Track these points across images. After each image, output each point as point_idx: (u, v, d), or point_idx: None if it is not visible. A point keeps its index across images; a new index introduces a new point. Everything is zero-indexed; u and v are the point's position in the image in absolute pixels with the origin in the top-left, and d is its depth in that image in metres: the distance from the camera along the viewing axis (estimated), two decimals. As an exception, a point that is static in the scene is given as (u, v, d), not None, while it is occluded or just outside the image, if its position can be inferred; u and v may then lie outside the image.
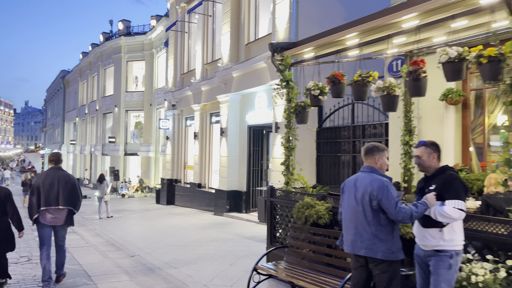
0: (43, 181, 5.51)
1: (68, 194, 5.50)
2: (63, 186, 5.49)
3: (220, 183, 13.76)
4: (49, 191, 5.42)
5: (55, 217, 5.46)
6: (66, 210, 5.51)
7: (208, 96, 15.51)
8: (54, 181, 5.48)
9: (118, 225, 12.15)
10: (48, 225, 5.48)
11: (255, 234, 9.73)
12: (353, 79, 4.96)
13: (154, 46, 27.20)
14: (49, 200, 5.41)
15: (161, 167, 25.34)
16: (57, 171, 5.64)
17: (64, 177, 5.60)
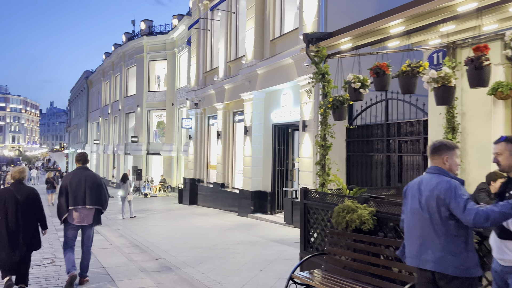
0: (70, 181, 5.53)
1: (95, 193, 5.53)
2: (90, 186, 5.52)
3: (244, 183, 13.41)
4: (76, 191, 5.44)
5: (83, 216, 5.46)
6: (93, 209, 5.54)
7: (232, 94, 15.19)
8: (81, 181, 5.51)
9: (142, 225, 11.95)
10: (75, 225, 5.49)
11: (283, 237, 9.32)
12: (400, 69, 4.48)
13: (176, 45, 27.13)
14: (77, 199, 5.42)
15: (183, 167, 25.24)
16: (84, 171, 5.68)
17: (91, 177, 5.63)
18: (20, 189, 5.17)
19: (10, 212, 4.98)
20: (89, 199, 5.46)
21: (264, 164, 13.10)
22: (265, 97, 13.21)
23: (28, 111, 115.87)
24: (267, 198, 12.73)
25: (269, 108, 13.03)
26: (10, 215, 4.98)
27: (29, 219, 5.16)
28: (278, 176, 12.73)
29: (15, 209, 5.00)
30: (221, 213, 14.37)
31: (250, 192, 12.96)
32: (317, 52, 5.50)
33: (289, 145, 12.98)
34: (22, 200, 5.07)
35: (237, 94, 14.38)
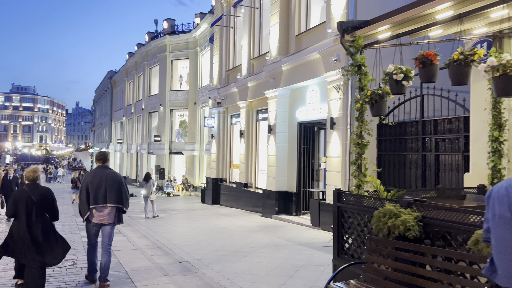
0: (91, 180, 5.54)
1: (116, 192, 5.51)
2: (110, 184, 5.50)
3: (268, 183, 13.03)
4: (97, 190, 5.44)
5: (103, 215, 5.46)
6: (114, 208, 5.51)
7: (255, 92, 14.83)
8: (102, 180, 5.50)
9: (165, 225, 11.75)
10: (96, 224, 5.49)
11: (311, 240, 8.90)
12: (451, 57, 3.99)
13: (198, 44, 27.01)
14: (97, 198, 5.42)
15: (205, 166, 25.09)
16: (104, 170, 5.68)
17: (112, 176, 5.62)
18: (35, 189, 5.15)
19: (26, 213, 4.96)
20: (110, 197, 5.45)
21: (289, 164, 12.68)
22: (290, 95, 12.79)
23: (54, 111, 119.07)
24: (292, 198, 12.31)
25: (294, 106, 12.60)
26: (26, 216, 4.95)
27: (45, 219, 5.14)
28: (304, 176, 12.28)
29: (30, 210, 4.98)
30: (245, 214, 14.04)
31: (274, 192, 12.57)
32: (353, 42, 5.05)
33: (315, 144, 12.52)
34: (37, 200, 5.04)
35: (261, 92, 14.01)
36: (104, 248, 5.61)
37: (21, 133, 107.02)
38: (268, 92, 13.14)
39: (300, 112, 12.24)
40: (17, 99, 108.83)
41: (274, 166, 12.67)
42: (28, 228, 4.93)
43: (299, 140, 12.32)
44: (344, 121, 9.75)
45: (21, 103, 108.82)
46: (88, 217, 5.46)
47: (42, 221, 5.07)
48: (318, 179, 12.38)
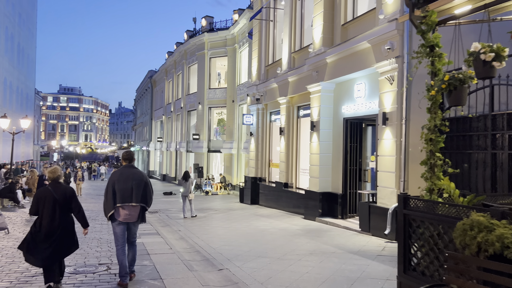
0: (118, 179, 5.58)
1: (142, 191, 5.57)
2: (136, 183, 5.56)
3: (311, 184, 12.26)
4: (124, 189, 5.49)
5: (129, 214, 5.51)
6: (139, 207, 5.57)
7: (296, 87, 14.09)
8: (128, 179, 5.56)
9: (203, 226, 11.29)
10: (122, 222, 5.54)
11: (361, 247, 8.06)
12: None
13: (236, 41, 26.58)
14: (124, 197, 5.47)
15: (243, 165, 24.64)
16: (130, 169, 5.73)
17: (138, 175, 5.67)
18: (57, 188, 5.33)
19: (49, 211, 5.16)
20: (136, 196, 5.51)
21: (333, 163, 11.85)
22: (334, 89, 11.94)
23: (99, 111, 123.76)
24: (337, 200, 11.47)
25: (339, 101, 11.74)
26: (50, 214, 5.15)
27: (67, 218, 5.33)
28: (351, 177, 11.39)
29: (53, 208, 5.18)
30: (285, 215, 13.34)
31: (318, 193, 11.79)
32: (424, 18, 4.23)
33: (362, 141, 11.60)
34: (60, 199, 5.23)
35: (303, 87, 13.25)
36: (130, 244, 5.79)
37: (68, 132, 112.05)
38: (311, 86, 12.35)
39: (346, 107, 11.37)
40: (64, 100, 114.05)
41: (318, 165, 11.88)
42: (49, 226, 5.12)
43: (345, 137, 11.44)
44: (398, 116, 8.81)
45: (67, 103, 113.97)
46: (114, 215, 5.49)
47: (65, 220, 5.26)
48: (366, 180, 11.46)
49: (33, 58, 54.75)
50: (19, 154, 46.24)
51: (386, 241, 8.56)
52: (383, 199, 9.11)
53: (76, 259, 6.96)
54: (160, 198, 21.90)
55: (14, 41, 43.76)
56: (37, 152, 62.47)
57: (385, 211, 8.89)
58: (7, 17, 40.68)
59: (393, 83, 8.89)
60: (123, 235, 5.61)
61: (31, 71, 53.62)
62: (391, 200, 8.85)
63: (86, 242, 8.54)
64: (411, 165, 8.79)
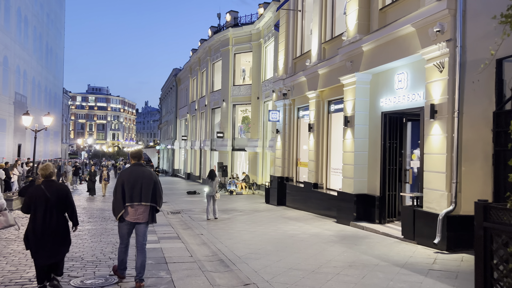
0: (127, 178, 5.37)
1: (152, 191, 5.39)
2: (146, 182, 5.37)
3: (344, 185, 11.22)
4: (133, 188, 5.31)
5: (138, 213, 5.32)
6: (149, 207, 5.38)
7: (327, 80, 13.06)
8: (138, 178, 5.36)
9: (227, 230, 10.47)
10: (130, 222, 5.34)
11: (408, 259, 7.01)
12: None
13: (262, 35, 25.69)
14: (133, 196, 5.29)
15: (269, 163, 23.74)
16: (140, 168, 5.52)
17: (147, 174, 5.45)
18: (50, 186, 5.05)
19: (41, 210, 4.93)
20: (145, 196, 5.33)
21: (370, 162, 10.77)
22: (371, 80, 10.85)
23: (126, 110, 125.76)
24: (374, 203, 10.38)
25: (377, 93, 10.64)
26: (41, 213, 4.92)
27: (60, 218, 5.08)
28: (390, 177, 10.28)
29: (45, 208, 4.94)
30: (315, 219, 12.35)
31: (352, 195, 10.74)
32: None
33: (402, 138, 10.46)
34: (52, 198, 4.98)
35: (335, 79, 12.22)
36: (139, 247, 5.43)
37: (96, 131, 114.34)
38: (344, 78, 11.30)
39: (384, 100, 10.26)
40: (92, 99, 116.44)
41: (352, 164, 10.83)
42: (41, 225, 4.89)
43: (383, 133, 10.34)
44: (449, 108, 7.68)
45: (96, 103, 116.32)
46: (122, 215, 5.29)
47: (58, 220, 5.01)
48: (406, 181, 10.33)
49: (61, 58, 55.72)
50: (47, 152, 47.09)
51: (435, 252, 7.46)
52: (430, 203, 8.00)
53: (86, 268, 6.26)
54: (184, 197, 21.31)
55: (42, 40, 44.47)
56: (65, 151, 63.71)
57: (433, 217, 7.79)
58: (35, 16, 41.30)
59: (443, 70, 7.76)
60: (129, 236, 5.44)
61: (59, 71, 54.55)
62: (440, 205, 7.74)
63: (100, 248, 7.86)
64: (464, 164, 7.65)
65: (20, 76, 37.30)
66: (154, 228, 10.52)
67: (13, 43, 34.69)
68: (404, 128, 10.42)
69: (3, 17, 31.73)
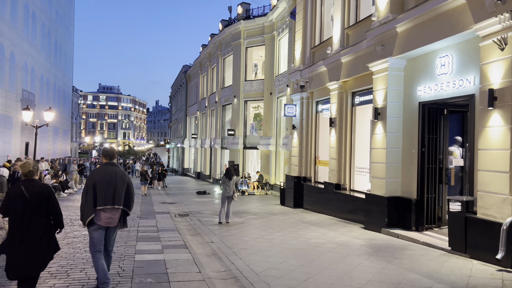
0: (100, 178, 4.93)
1: (124, 193, 5.03)
2: (120, 184, 4.99)
3: (374, 186, 9.87)
4: (107, 189, 4.90)
5: (111, 217, 4.93)
6: (120, 210, 5.01)
7: (351, 68, 11.71)
8: (112, 179, 4.96)
9: (241, 236, 9.21)
10: (102, 226, 4.93)
11: (467, 279, 5.65)
12: None
13: (275, 27, 24.37)
14: (107, 199, 4.89)
15: (282, 162, 22.44)
16: (113, 168, 5.11)
17: (121, 175, 5.06)
18: (30, 186, 4.49)
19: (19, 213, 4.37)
20: (118, 199, 4.95)
21: (404, 160, 9.41)
22: (406, 66, 9.48)
23: (136, 109, 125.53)
24: (410, 207, 9.02)
25: (413, 81, 9.26)
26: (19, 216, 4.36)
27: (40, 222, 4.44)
28: (429, 177, 8.91)
29: (23, 210, 4.36)
30: (339, 224, 11.01)
31: (383, 198, 9.39)
32: None
33: (443, 132, 9.07)
34: (31, 199, 4.42)
35: (361, 67, 10.88)
36: (106, 252, 5.10)
37: (107, 130, 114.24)
38: (374, 64, 9.94)
39: (423, 89, 8.87)
40: (104, 98, 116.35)
41: (383, 163, 9.48)
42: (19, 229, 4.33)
43: (420, 127, 8.96)
44: (514, 94, 6.30)
45: (107, 102, 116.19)
46: (92, 219, 4.86)
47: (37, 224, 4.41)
48: (447, 182, 8.94)
49: (71, 56, 55.08)
50: (56, 150, 46.47)
51: (498, 270, 6.09)
52: (488, 210, 6.62)
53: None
54: (193, 197, 20.13)
55: (51, 37, 43.75)
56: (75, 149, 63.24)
57: (491, 226, 6.43)
58: (44, 13, 40.57)
59: (505, 48, 6.38)
60: (102, 241, 4.96)
61: (69, 69, 53.91)
62: (502, 211, 6.36)
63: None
64: (532, 162, 6.26)
65: (27, 73, 36.60)
66: (159, 234, 9.33)
67: (20, 39, 33.96)
68: (445, 120, 9.03)
69: (10, 12, 30.96)
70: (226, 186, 11.46)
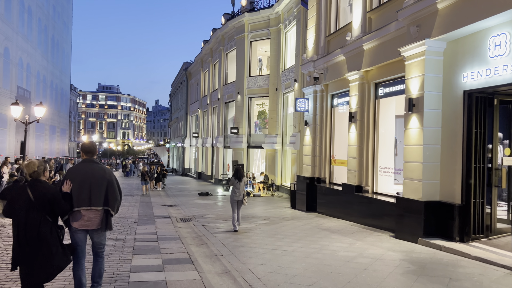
0: (74, 177, 4.43)
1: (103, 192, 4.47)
2: (96, 183, 4.45)
3: (408, 189, 8.55)
4: (81, 189, 4.39)
5: (87, 219, 4.43)
6: (101, 211, 4.47)
7: (375, 56, 10.41)
8: (87, 177, 4.44)
9: (254, 247, 7.89)
10: (78, 229, 4.44)
11: None
12: None
13: (281, 20, 23.06)
14: (80, 199, 4.39)
15: (289, 162, 21.10)
16: (90, 165, 4.55)
17: (99, 173, 4.50)
18: (36, 187, 4.13)
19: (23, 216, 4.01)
20: (95, 198, 4.41)
21: (444, 159, 8.10)
22: (445, 50, 8.16)
23: (136, 109, 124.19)
24: (453, 214, 7.70)
25: (455, 66, 7.94)
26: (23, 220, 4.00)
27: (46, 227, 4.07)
28: (476, 179, 7.59)
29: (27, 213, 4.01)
30: (364, 231, 9.69)
31: (420, 203, 8.07)
32: None
33: (493, 125, 7.76)
34: (36, 201, 4.06)
35: (388, 53, 9.59)
36: (95, 255, 4.65)
37: (106, 130, 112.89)
38: (407, 48, 8.61)
39: (469, 75, 7.55)
40: (103, 98, 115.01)
41: (420, 162, 8.16)
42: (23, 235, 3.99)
43: (466, 120, 7.64)
44: None
45: (106, 101, 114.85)
46: (70, 221, 4.41)
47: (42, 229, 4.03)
48: (497, 184, 7.63)
49: (69, 53, 53.75)
50: (53, 150, 45.15)
51: None
52: None
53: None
54: (195, 199, 18.82)
55: (48, 33, 42.41)
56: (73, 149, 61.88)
57: None
58: (40, 8, 39.22)
59: None
60: (83, 245, 4.55)
61: (66, 66, 52.58)
62: None
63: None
64: None
65: (23, 69, 35.25)
66: (159, 244, 8.02)
67: (15, 34, 32.60)
68: (495, 112, 7.71)
69: (4, 5, 29.61)
70: (236, 188, 10.04)
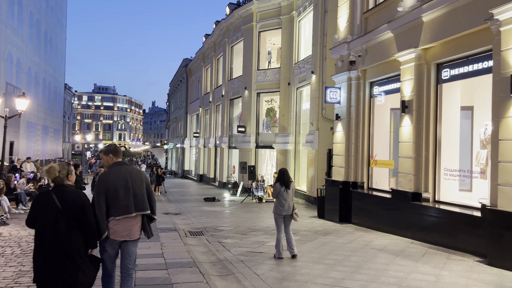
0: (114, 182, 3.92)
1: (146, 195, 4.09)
2: (139, 186, 4.05)
3: (504, 197, 6.31)
4: (125, 194, 3.93)
5: (128, 228, 3.96)
6: (140, 218, 4.06)
7: (441, 28, 8.20)
8: (128, 180, 3.99)
9: (305, 285, 5.62)
10: (117, 241, 3.97)
11: None
12: None
13: (294, 7, 20.86)
14: (125, 206, 3.92)
15: (304, 164, 18.76)
16: (126, 167, 4.12)
17: (137, 174, 4.12)
18: (62, 193, 3.73)
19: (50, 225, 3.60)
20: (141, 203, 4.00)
21: None
22: None
23: (132, 110, 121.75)
24: None
25: None
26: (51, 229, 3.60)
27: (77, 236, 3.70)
28: None
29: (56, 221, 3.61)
30: (435, 253, 7.43)
31: (529, 218, 5.86)
32: None
33: None
34: (64, 208, 3.66)
35: (464, 21, 7.40)
36: (125, 273, 4.07)
37: (102, 131, 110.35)
38: (500, 10, 6.40)
39: None
40: (99, 99, 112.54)
41: None
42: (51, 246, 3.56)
43: None
44: None
45: (102, 103, 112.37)
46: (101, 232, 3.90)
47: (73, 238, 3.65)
48: None
49: (63, 50, 51.27)
50: (46, 151, 42.61)
51: None
52: None
53: None
54: (201, 206, 16.48)
55: (40, 28, 39.94)
56: (68, 150, 59.40)
57: None
58: (32, 1, 36.87)
59: None
60: (115, 259, 4.00)
61: (60, 64, 50.07)
62: None
63: None
64: None
65: (12, 65, 32.78)
66: (170, 277, 5.75)
67: (3, 27, 30.16)
68: None
69: (-11, -5, 27.35)
70: (282, 199, 7.21)
